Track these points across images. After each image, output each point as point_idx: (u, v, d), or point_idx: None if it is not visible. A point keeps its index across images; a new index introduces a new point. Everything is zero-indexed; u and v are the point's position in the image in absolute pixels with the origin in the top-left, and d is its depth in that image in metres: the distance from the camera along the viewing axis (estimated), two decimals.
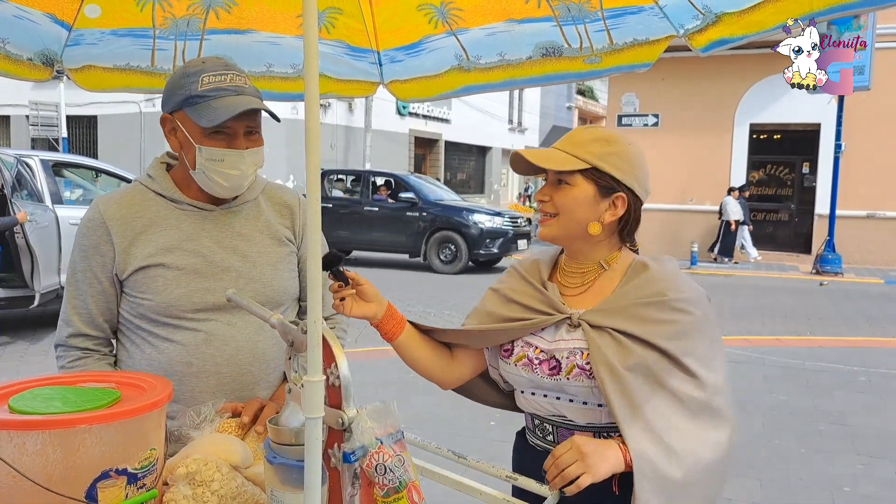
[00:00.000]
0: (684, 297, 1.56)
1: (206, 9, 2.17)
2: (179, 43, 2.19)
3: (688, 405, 1.51)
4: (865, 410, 5.72)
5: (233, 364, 1.71)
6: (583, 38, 2.02)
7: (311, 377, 1.13)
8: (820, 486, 4.25)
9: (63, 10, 2.06)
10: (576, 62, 2.07)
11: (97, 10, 2.09)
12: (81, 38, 2.13)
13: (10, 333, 7.59)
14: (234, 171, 1.67)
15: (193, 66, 1.68)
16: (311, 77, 1.11)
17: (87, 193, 8.88)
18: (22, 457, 1.17)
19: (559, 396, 1.59)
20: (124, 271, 1.69)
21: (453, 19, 2.12)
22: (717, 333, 1.62)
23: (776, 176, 17.43)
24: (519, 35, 2.09)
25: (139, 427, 1.25)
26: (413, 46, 2.24)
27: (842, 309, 10.61)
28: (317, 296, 1.13)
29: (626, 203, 1.58)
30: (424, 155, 30.43)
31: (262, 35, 2.24)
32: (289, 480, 1.26)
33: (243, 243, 1.76)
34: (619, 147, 1.58)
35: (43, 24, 2.04)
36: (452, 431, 1.89)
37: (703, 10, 1.81)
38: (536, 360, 1.60)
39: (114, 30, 2.14)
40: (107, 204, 1.72)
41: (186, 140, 1.67)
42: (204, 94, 1.63)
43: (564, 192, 1.58)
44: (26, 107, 19.40)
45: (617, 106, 18.04)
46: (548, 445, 1.63)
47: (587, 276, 1.64)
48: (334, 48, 2.29)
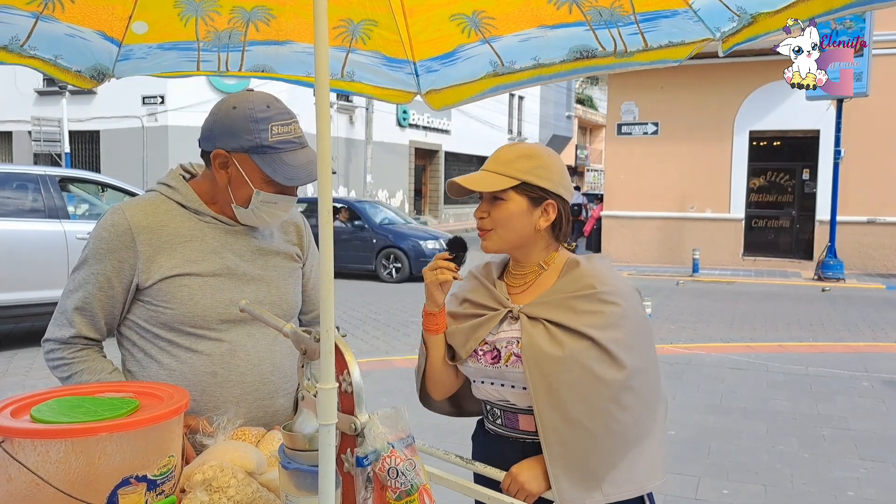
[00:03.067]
0: (610, 289, 1.73)
1: (245, 22, 2.22)
2: (223, 54, 2.26)
3: (607, 385, 1.66)
4: (868, 415, 5.74)
5: (255, 374, 1.75)
6: (616, 41, 1.99)
7: (324, 385, 1.16)
8: (823, 491, 4.26)
9: (112, 27, 2.12)
10: (607, 60, 2.05)
11: (144, 27, 2.16)
12: (130, 52, 2.20)
13: (16, 347, 7.62)
14: (282, 213, 1.77)
15: (260, 111, 1.69)
16: (323, 103, 1.16)
17: (93, 208, 8.94)
18: (45, 464, 1.21)
19: (503, 383, 1.77)
20: (148, 280, 1.70)
21: (486, 28, 2.13)
22: (642, 322, 1.77)
23: (777, 183, 17.45)
24: (552, 40, 2.08)
25: (159, 435, 1.29)
26: (448, 56, 2.24)
27: (844, 314, 10.62)
28: (329, 305, 1.17)
29: (556, 208, 1.76)
30: (425, 166, 30.51)
31: (300, 45, 2.27)
32: (303, 485, 1.29)
33: (262, 258, 1.82)
34: (542, 160, 1.77)
35: (94, 41, 2.11)
36: (457, 440, 1.91)
37: (738, 11, 1.77)
38: (481, 352, 1.78)
39: (160, 44, 2.21)
40: (133, 211, 1.73)
41: (242, 180, 1.71)
42: (275, 146, 1.68)
43: (500, 207, 1.75)
44: (28, 122, 19.49)
45: (616, 115, 18.09)
46: (498, 429, 1.83)
47: (528, 277, 1.83)
48: (371, 58, 2.32)
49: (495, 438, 1.84)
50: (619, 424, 1.66)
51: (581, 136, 45.81)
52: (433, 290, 1.77)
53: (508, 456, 1.78)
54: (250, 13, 2.21)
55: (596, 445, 1.65)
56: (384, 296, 12.38)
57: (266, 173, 1.68)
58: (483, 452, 1.88)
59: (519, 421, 1.77)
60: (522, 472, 1.70)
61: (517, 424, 1.78)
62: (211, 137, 1.73)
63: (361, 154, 25.00)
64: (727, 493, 4.23)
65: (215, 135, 1.72)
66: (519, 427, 1.78)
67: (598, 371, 1.65)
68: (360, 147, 25.07)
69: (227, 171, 1.73)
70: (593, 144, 47.11)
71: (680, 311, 10.86)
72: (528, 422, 1.75)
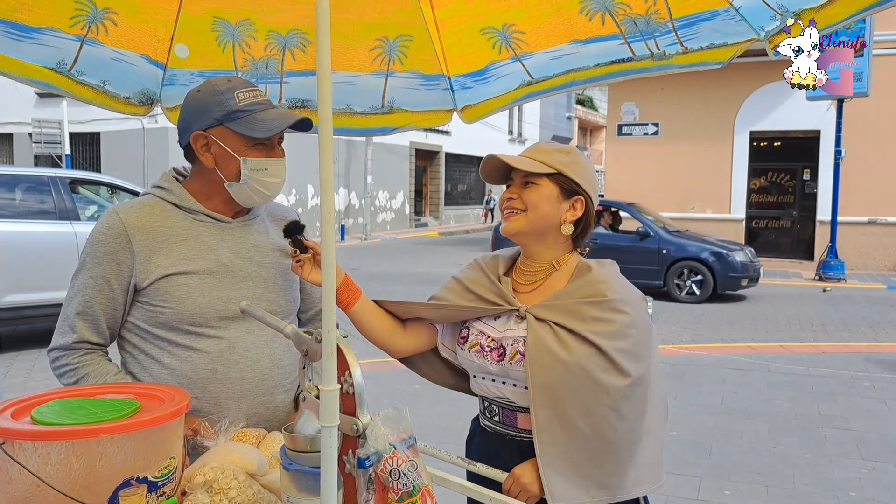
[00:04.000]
0: (621, 297, 1.75)
1: (281, 49, 2.23)
2: (261, 86, 2.26)
3: (606, 392, 1.67)
4: (869, 415, 5.73)
5: (255, 370, 1.76)
6: (652, 49, 1.93)
7: (326, 386, 1.16)
8: (825, 492, 4.26)
9: (156, 50, 2.17)
10: (643, 63, 1.98)
11: (185, 50, 2.20)
12: (175, 78, 2.24)
13: (17, 349, 7.62)
14: (275, 179, 1.77)
15: (221, 85, 1.74)
16: (325, 101, 1.15)
17: (102, 210, 8.95)
18: (46, 466, 1.21)
19: (504, 381, 1.78)
20: (145, 280, 1.70)
21: (516, 43, 2.09)
22: (648, 331, 1.79)
23: (777, 183, 17.45)
24: (585, 55, 2.03)
25: (159, 436, 1.29)
26: (480, 73, 2.22)
27: (845, 315, 10.61)
28: (331, 306, 1.16)
29: (584, 205, 1.80)
30: (425, 167, 30.52)
31: (339, 75, 2.27)
32: (305, 487, 1.29)
33: (259, 255, 1.83)
34: (578, 158, 1.83)
35: (139, 65, 2.15)
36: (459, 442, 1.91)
37: (780, 9, 1.72)
38: (487, 348, 1.80)
39: (201, 71, 2.23)
40: (127, 213, 1.74)
41: (226, 154, 1.73)
42: (246, 108, 1.71)
43: (532, 190, 1.78)
44: (29, 124, 19.50)
45: (617, 115, 18.10)
46: (496, 426, 1.84)
47: (538, 276, 1.84)
48: (408, 80, 2.32)
49: (492, 436, 1.85)
50: (615, 432, 1.67)
51: (581, 137, 45.84)
52: (314, 279, 1.76)
53: (505, 454, 1.79)
54: (286, 38, 2.23)
55: (588, 449, 1.67)
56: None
57: (244, 134, 1.70)
58: (480, 450, 1.88)
59: (517, 419, 1.78)
60: (524, 473, 1.71)
61: (515, 422, 1.79)
62: (186, 127, 1.76)
63: (362, 155, 24.99)
64: (729, 493, 4.22)
65: (189, 122, 1.75)
66: (517, 425, 1.78)
67: (601, 378, 1.66)
68: (361, 148, 25.07)
69: (211, 151, 1.74)
70: (594, 145, 47.13)
71: (681, 311, 10.86)
72: (526, 420, 1.75)
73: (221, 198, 1.80)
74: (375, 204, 26.37)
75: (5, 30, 1.89)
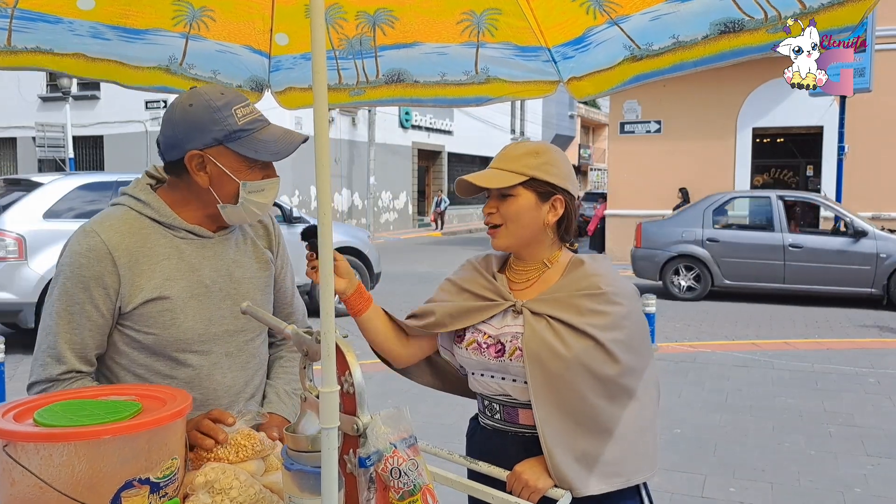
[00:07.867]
0: (615, 290, 1.76)
1: (372, 26, 2.26)
2: (358, 61, 2.32)
3: (601, 380, 1.70)
4: (874, 412, 5.72)
5: (230, 395, 1.74)
6: (765, 7, 1.72)
7: (326, 388, 1.16)
8: (831, 488, 4.25)
9: (258, 40, 2.27)
10: (757, 34, 1.77)
11: (285, 38, 2.29)
12: (280, 63, 2.33)
13: (21, 352, 7.63)
14: (269, 200, 1.71)
15: (217, 100, 1.64)
16: (321, 93, 1.16)
17: None
18: (49, 468, 1.21)
19: (504, 377, 1.79)
20: (129, 304, 1.62)
21: (609, 6, 1.98)
22: (641, 324, 1.81)
23: (781, 179, 17.41)
24: (687, 14, 1.86)
25: (162, 437, 1.29)
26: (579, 41, 2.12)
27: (849, 311, 10.58)
28: (329, 306, 1.17)
29: (564, 203, 1.79)
30: (427, 167, 30.53)
31: (429, 46, 2.27)
32: (306, 486, 1.29)
33: (238, 270, 1.77)
34: (549, 156, 1.79)
35: (244, 55, 2.25)
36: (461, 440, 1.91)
37: None
38: (485, 345, 1.80)
39: (303, 54, 2.31)
40: (107, 232, 1.63)
41: (223, 175, 1.64)
42: (246, 127, 1.63)
43: (509, 203, 1.78)
44: (32, 128, 19.56)
45: (619, 113, 18.06)
46: (497, 424, 1.84)
47: (531, 273, 1.85)
48: (502, 51, 2.24)
49: (493, 433, 1.86)
50: (611, 419, 1.70)
51: (584, 135, 45.78)
52: None
53: (509, 450, 1.79)
54: (374, 16, 2.26)
55: (585, 435, 1.69)
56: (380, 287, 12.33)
57: (248, 156, 1.63)
58: (481, 449, 1.88)
59: (519, 415, 1.79)
60: (527, 469, 1.71)
61: (517, 419, 1.79)
62: (177, 144, 1.64)
63: (364, 156, 25.02)
64: (734, 490, 4.22)
65: (181, 139, 1.64)
66: (519, 421, 1.79)
67: (596, 368, 1.69)
68: (363, 149, 25.09)
69: (206, 171, 1.65)
70: (596, 143, 47.07)
71: (685, 308, 10.84)
72: (527, 416, 1.76)
73: (206, 213, 1.71)
74: (378, 204, 26.38)
75: (118, 34, 2.02)
